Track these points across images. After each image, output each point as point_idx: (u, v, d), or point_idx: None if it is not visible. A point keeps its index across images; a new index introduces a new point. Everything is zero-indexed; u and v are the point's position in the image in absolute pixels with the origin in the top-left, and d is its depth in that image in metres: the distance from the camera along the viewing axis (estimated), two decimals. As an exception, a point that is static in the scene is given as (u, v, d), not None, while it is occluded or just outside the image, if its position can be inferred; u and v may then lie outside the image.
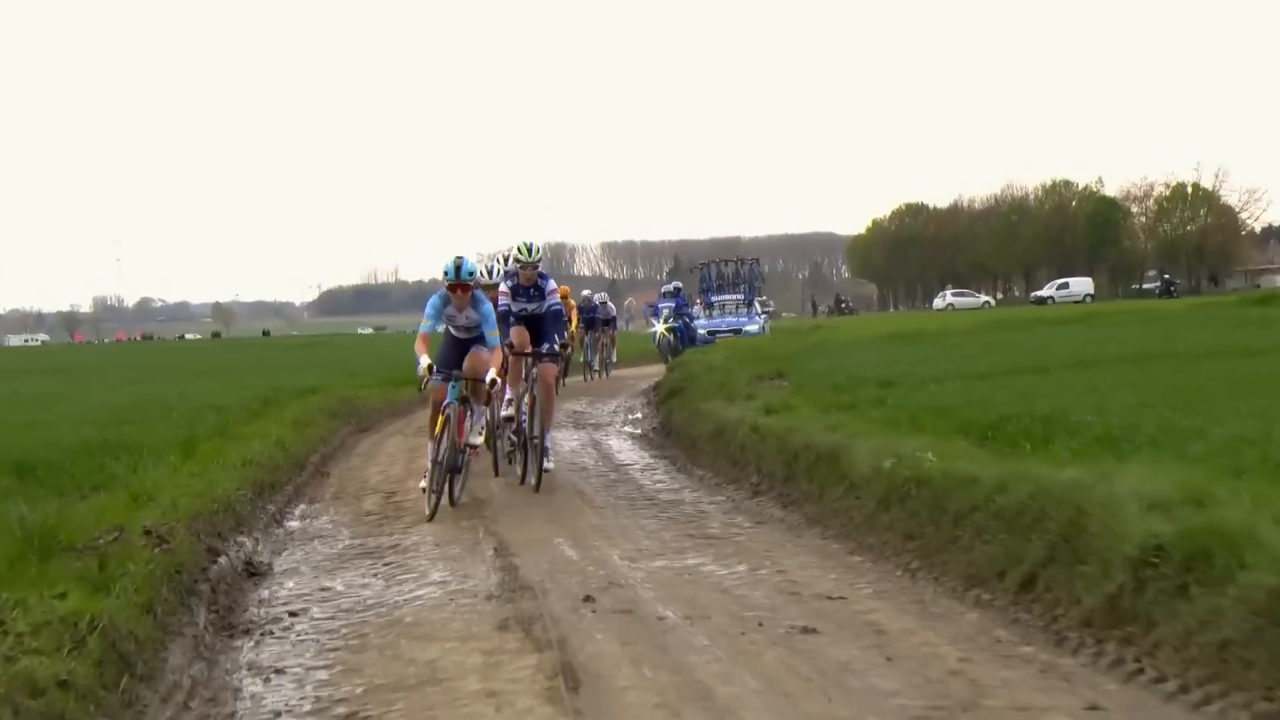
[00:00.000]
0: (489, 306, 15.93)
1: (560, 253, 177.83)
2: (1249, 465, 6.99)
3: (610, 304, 31.71)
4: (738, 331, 34.02)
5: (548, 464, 11.43)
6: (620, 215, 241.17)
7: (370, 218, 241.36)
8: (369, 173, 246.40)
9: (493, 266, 14.93)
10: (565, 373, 23.93)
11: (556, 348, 11.68)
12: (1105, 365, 14.46)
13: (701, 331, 33.07)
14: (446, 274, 11.36)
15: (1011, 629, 6.19)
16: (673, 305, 30.83)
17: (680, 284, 33.50)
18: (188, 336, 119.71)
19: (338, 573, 8.05)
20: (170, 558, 7.10)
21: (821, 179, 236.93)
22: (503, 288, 12.07)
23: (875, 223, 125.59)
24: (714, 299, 37.61)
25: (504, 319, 11.74)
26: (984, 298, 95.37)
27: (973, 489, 7.38)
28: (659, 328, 30.81)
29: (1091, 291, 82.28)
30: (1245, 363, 13.43)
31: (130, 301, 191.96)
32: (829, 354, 20.57)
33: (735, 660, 5.77)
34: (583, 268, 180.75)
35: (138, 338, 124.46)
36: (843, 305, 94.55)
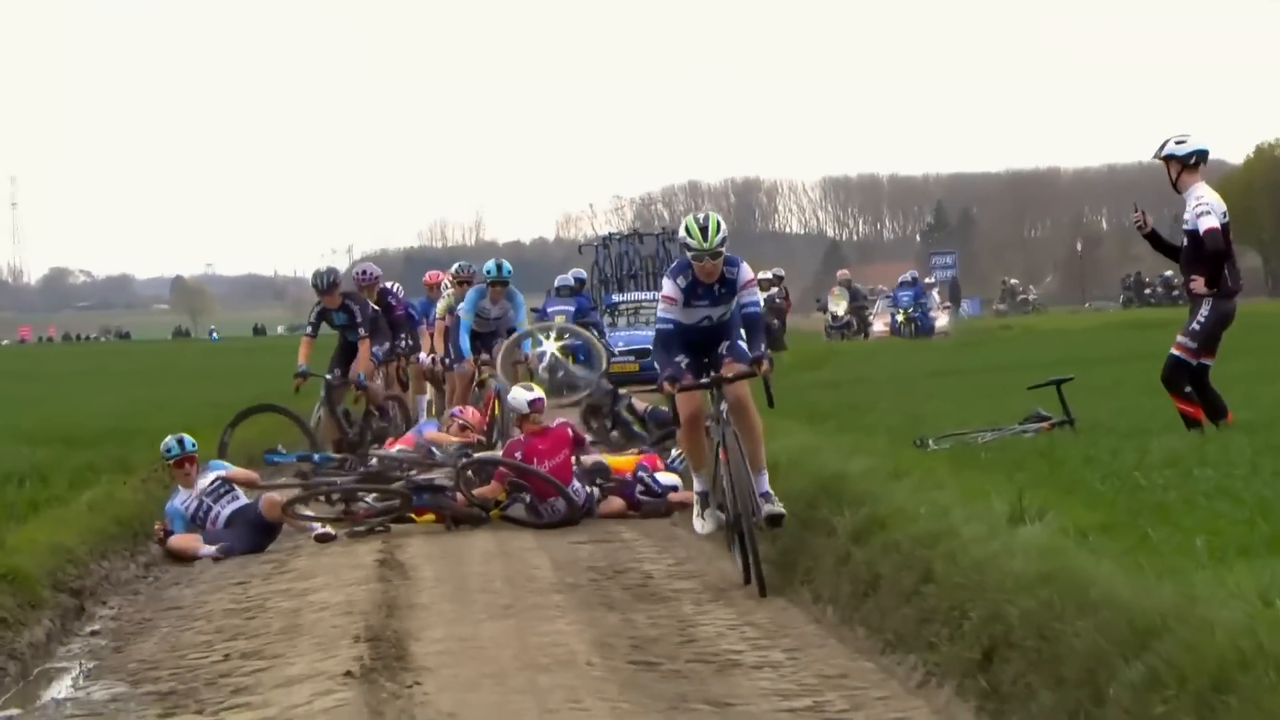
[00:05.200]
0: (520, 298, 18.38)
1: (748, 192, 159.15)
2: None
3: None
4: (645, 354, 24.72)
5: (774, 508, 9.78)
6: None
7: (422, 158, 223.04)
8: (425, 96, 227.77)
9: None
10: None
11: (766, 362, 9.73)
12: None
13: (618, 346, 26.60)
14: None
15: None
16: (571, 310, 23.22)
17: (583, 274, 26.24)
18: (103, 338, 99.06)
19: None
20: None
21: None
22: (667, 290, 9.92)
23: (1260, 152, 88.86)
24: (615, 299, 30.50)
25: (668, 342, 9.93)
26: None
27: None
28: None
29: None
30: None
31: (35, 276, 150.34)
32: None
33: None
34: (790, 218, 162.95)
35: (51, 337, 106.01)
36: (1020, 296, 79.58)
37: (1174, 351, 12.26)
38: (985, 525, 8.03)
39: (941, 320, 43.42)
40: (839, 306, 38.68)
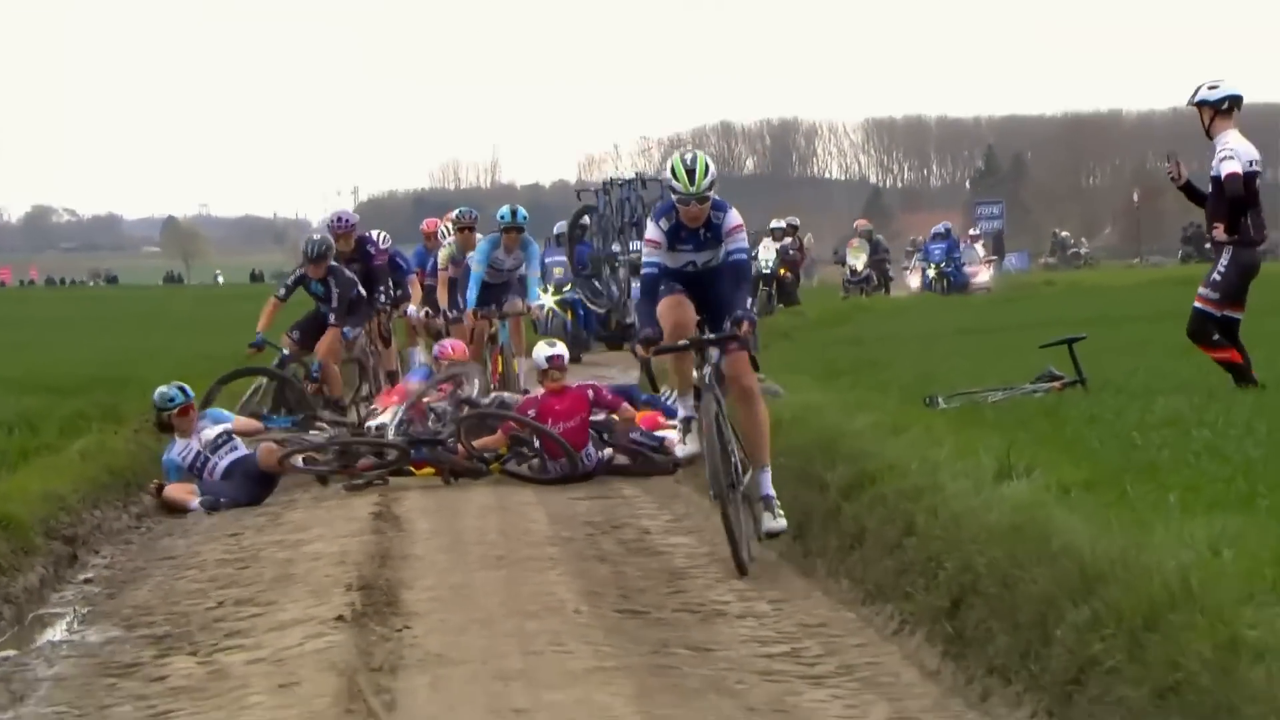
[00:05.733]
0: (536, 248, 18.70)
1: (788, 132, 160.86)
2: None
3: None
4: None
5: (773, 522, 9.84)
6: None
7: (435, 93, 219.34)
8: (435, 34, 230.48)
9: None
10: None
11: (748, 321, 9.83)
12: None
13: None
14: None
15: None
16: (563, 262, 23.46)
17: (587, 221, 26.39)
18: (91, 282, 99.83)
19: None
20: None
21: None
22: (650, 233, 10.18)
23: None
24: (615, 249, 28.01)
25: (651, 288, 10.09)
26: None
27: None
28: (544, 301, 22.33)
29: None
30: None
31: (15, 214, 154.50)
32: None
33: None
34: (830, 162, 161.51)
35: (33, 279, 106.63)
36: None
37: (1197, 304, 13.02)
38: (971, 481, 8.79)
39: (982, 275, 43.79)
40: (858, 260, 38.36)
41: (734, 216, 10.12)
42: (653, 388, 15.99)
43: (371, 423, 15.18)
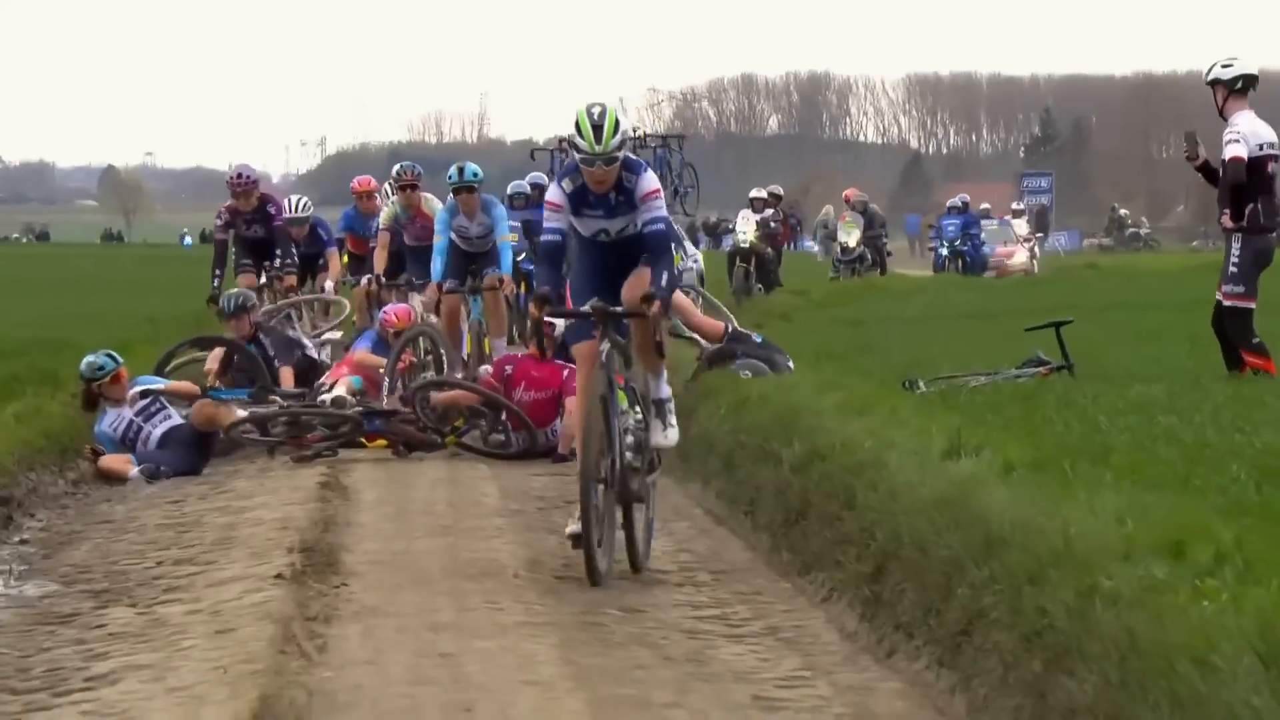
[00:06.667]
0: (501, 210, 18.57)
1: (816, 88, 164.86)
2: None
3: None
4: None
5: (661, 438, 10.41)
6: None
7: (416, 35, 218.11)
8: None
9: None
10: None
11: (659, 301, 9.99)
12: None
13: None
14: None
15: None
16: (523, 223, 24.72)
17: (542, 178, 26.89)
18: (24, 239, 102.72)
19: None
20: None
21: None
22: (552, 195, 10.28)
23: None
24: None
25: (552, 255, 10.32)
26: None
27: None
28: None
29: None
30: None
31: None
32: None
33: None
34: (865, 123, 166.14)
35: None
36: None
37: (1225, 303, 14.18)
38: (918, 458, 10.10)
39: (1019, 256, 44.85)
40: (849, 236, 37.75)
41: (649, 179, 10.15)
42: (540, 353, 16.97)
43: (325, 395, 16.43)
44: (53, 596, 10.08)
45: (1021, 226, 50.32)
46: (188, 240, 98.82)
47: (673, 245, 10.78)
